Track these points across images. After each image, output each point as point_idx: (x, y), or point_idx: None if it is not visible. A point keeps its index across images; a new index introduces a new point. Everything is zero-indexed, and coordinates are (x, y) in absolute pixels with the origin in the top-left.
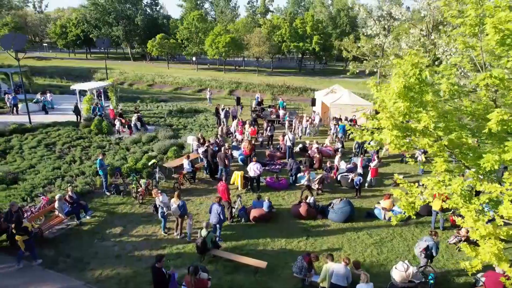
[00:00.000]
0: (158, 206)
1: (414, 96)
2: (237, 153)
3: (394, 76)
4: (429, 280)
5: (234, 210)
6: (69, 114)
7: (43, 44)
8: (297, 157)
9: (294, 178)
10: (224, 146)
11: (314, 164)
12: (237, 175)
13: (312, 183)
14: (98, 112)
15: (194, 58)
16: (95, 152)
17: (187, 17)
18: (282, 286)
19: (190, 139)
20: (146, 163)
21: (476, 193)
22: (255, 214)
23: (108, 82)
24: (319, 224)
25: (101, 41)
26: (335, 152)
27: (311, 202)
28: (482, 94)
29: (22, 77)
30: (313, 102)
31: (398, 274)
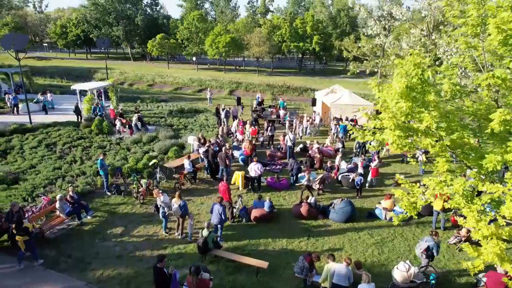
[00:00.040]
0: (159, 206)
1: (416, 96)
2: (237, 153)
3: (396, 76)
4: (430, 280)
5: (235, 210)
6: (69, 114)
7: (43, 44)
8: (297, 157)
9: (295, 178)
10: (224, 146)
11: (315, 164)
12: (238, 175)
13: (312, 183)
14: (99, 112)
15: (194, 58)
16: (96, 152)
17: (187, 17)
18: (284, 286)
19: (190, 139)
20: (147, 163)
21: (477, 193)
22: (256, 214)
23: (108, 82)
24: (320, 224)
25: (101, 41)
26: (336, 152)
27: (312, 202)
28: (484, 94)
29: (23, 77)
30: (313, 102)
31: (400, 274)
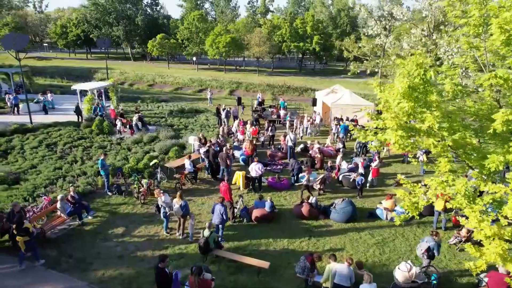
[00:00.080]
0: (160, 206)
1: (419, 96)
2: (238, 153)
3: (398, 76)
4: (432, 280)
5: (236, 210)
6: (70, 114)
7: (44, 44)
8: (298, 157)
9: (296, 178)
10: (225, 146)
11: (316, 164)
12: (238, 175)
13: (314, 183)
14: (99, 112)
15: (194, 58)
16: (97, 152)
17: (188, 17)
18: (285, 287)
19: (191, 139)
20: (148, 163)
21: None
22: (257, 214)
23: (109, 82)
24: (321, 224)
25: (102, 41)
26: (337, 152)
27: (313, 202)
28: (486, 94)
29: (23, 77)
30: (314, 102)
31: (401, 275)
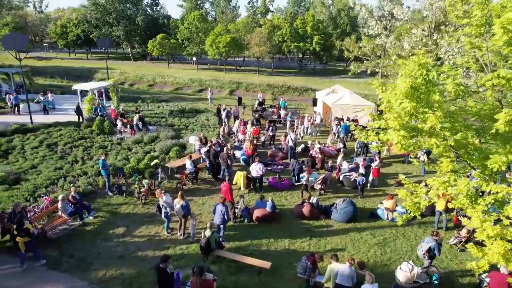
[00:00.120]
0: (161, 206)
1: (421, 96)
2: (239, 153)
3: (400, 76)
4: (433, 280)
5: (237, 211)
6: (70, 114)
7: (44, 44)
8: (299, 157)
9: (297, 178)
10: (226, 146)
11: (316, 164)
12: (239, 175)
13: (315, 184)
14: (100, 112)
15: (194, 58)
16: (97, 152)
17: (188, 17)
18: (286, 287)
19: (192, 139)
20: (149, 163)
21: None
22: (258, 214)
23: (109, 82)
24: (322, 224)
25: (102, 41)
26: (338, 152)
27: (314, 202)
28: (488, 95)
29: (24, 77)
30: (314, 102)
31: (403, 275)
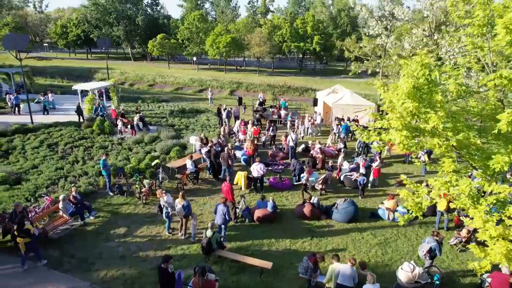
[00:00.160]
0: (162, 206)
1: (423, 96)
2: (240, 153)
3: (403, 76)
4: (435, 280)
5: (238, 211)
6: (70, 114)
7: (44, 44)
8: (299, 157)
9: (298, 178)
10: (227, 146)
11: (317, 164)
12: (240, 176)
13: (316, 184)
14: (100, 112)
15: (194, 58)
16: (98, 152)
17: (188, 17)
18: (288, 287)
19: (192, 139)
20: (149, 163)
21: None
22: (259, 214)
23: (110, 82)
24: (323, 224)
25: (102, 41)
26: (338, 152)
27: (315, 203)
28: (490, 95)
29: (24, 77)
30: (315, 102)
31: (404, 275)
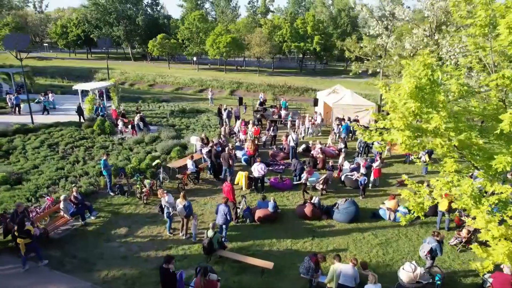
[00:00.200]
0: (164, 206)
1: (425, 96)
2: (240, 153)
3: (405, 76)
4: (436, 280)
5: (239, 211)
6: (71, 114)
7: (44, 44)
8: (300, 157)
9: (298, 178)
10: (227, 146)
11: (318, 164)
12: (241, 176)
13: (316, 184)
14: (101, 112)
15: (194, 58)
16: (98, 152)
17: (188, 17)
18: (289, 287)
19: (193, 139)
20: (150, 164)
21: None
22: (260, 214)
23: (110, 82)
24: (324, 224)
25: (102, 41)
26: (339, 152)
27: (316, 203)
28: (492, 95)
29: (24, 77)
30: (315, 102)
31: (406, 275)
